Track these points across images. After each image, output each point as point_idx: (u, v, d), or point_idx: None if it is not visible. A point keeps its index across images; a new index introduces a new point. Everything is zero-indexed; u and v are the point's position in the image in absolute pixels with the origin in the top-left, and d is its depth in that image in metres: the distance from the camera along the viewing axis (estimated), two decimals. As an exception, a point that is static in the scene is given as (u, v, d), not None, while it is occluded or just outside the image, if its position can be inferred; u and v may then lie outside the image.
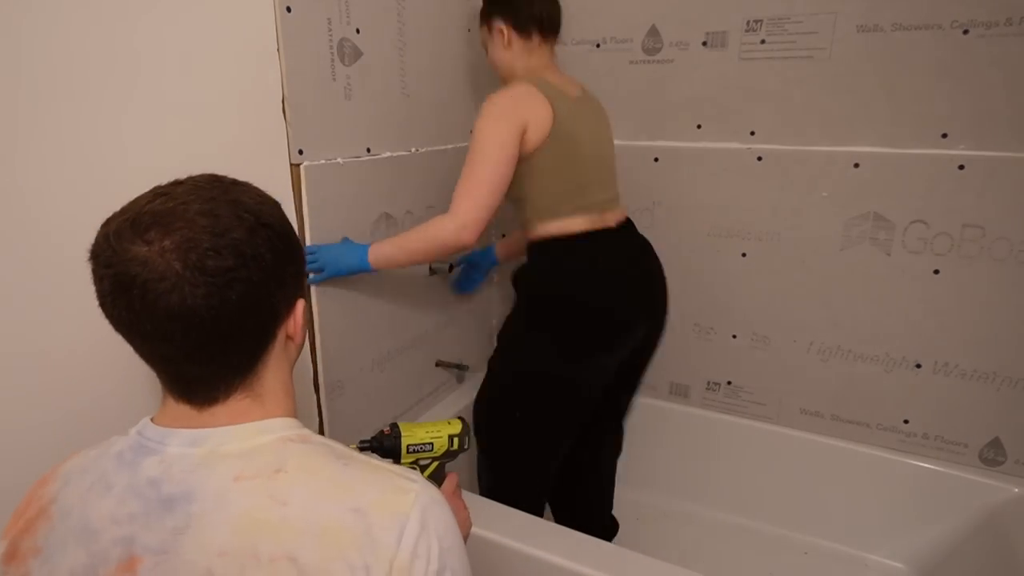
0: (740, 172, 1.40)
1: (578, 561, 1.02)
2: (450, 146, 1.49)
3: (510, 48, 1.22)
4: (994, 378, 1.28)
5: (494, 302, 1.81)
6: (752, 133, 1.39)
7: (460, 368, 1.61)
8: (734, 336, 1.52)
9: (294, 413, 0.62)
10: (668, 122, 1.46)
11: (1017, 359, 1.26)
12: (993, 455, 1.33)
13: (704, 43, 1.38)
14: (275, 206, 0.60)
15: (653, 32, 1.43)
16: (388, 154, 1.28)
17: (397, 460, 0.95)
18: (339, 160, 1.16)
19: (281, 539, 0.51)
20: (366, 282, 1.27)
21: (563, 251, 1.18)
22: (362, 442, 0.93)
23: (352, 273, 1.13)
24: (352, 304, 1.23)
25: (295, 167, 1.06)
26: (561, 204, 1.17)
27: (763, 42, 1.32)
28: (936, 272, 1.28)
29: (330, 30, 1.09)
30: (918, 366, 1.34)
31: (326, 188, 1.13)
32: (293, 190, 1.07)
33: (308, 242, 1.11)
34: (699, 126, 1.44)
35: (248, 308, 0.54)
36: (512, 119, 1.09)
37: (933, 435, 1.37)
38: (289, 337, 0.61)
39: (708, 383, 1.58)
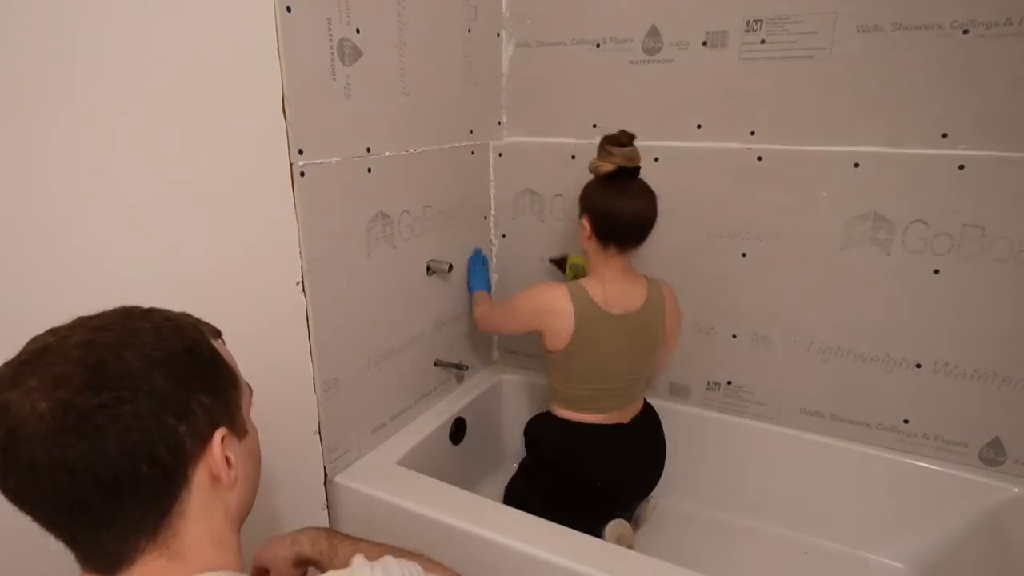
0: (740, 172, 1.40)
1: (578, 561, 1.02)
2: (449, 146, 1.49)
3: (588, 242, 1.30)
4: (994, 378, 1.28)
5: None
6: (752, 133, 1.39)
7: (459, 368, 1.61)
8: (734, 336, 1.52)
9: (231, 565, 0.52)
10: (668, 122, 1.46)
11: (1017, 359, 1.25)
12: (993, 455, 1.33)
13: (704, 43, 1.38)
14: (188, 332, 0.52)
15: (653, 32, 1.43)
16: (388, 154, 1.28)
17: (563, 269, 1.58)
18: (339, 160, 1.16)
19: None
20: (363, 280, 1.27)
21: (575, 435, 1.35)
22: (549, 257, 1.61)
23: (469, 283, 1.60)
24: (349, 302, 1.23)
25: (294, 167, 1.06)
26: (576, 401, 1.35)
27: (763, 42, 1.32)
28: (936, 272, 1.28)
29: (330, 30, 1.09)
30: (918, 366, 1.34)
31: (325, 188, 1.13)
32: (292, 189, 1.07)
33: (301, 242, 1.10)
34: (699, 126, 1.44)
35: (137, 452, 0.45)
36: (534, 318, 1.32)
37: (933, 435, 1.37)
38: (215, 479, 0.51)
39: (708, 383, 1.58)
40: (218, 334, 0.59)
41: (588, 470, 1.34)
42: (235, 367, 0.58)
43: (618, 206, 1.23)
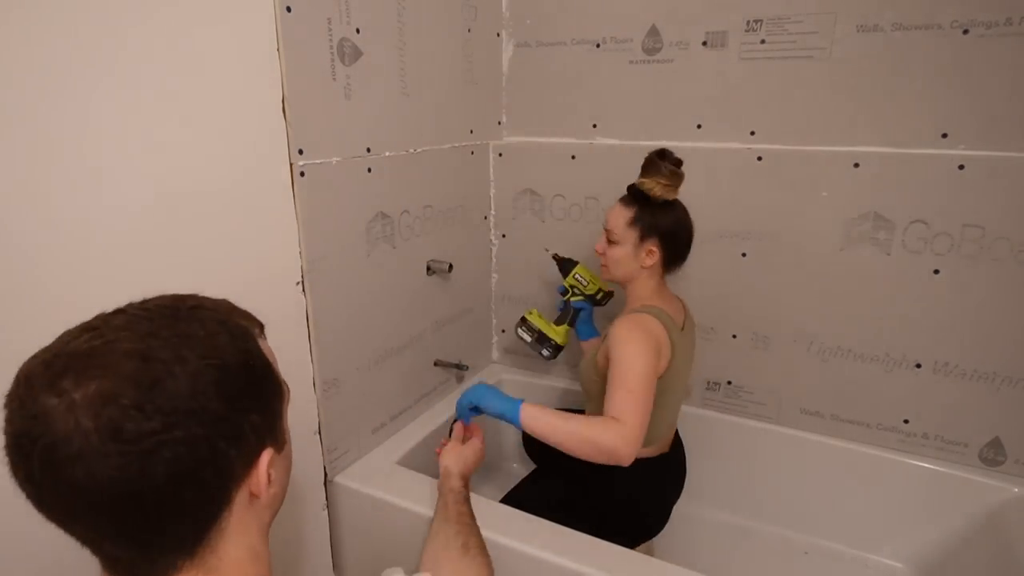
0: (740, 172, 1.40)
1: (578, 561, 1.02)
2: (449, 146, 1.49)
3: (650, 268, 1.21)
4: (994, 378, 1.28)
5: (493, 302, 1.81)
6: (752, 133, 1.39)
7: (459, 368, 1.61)
8: (734, 336, 1.52)
9: (264, 574, 0.52)
10: (668, 122, 1.46)
11: (1017, 359, 1.26)
12: (993, 455, 1.33)
13: (704, 43, 1.38)
14: (240, 338, 0.49)
15: (653, 32, 1.43)
16: (388, 154, 1.28)
17: (566, 275, 1.46)
18: (339, 160, 1.16)
19: None
20: (363, 280, 1.27)
21: (629, 472, 1.13)
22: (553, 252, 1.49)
23: (500, 416, 1.13)
24: (349, 302, 1.23)
25: (294, 167, 1.06)
26: (647, 436, 1.14)
27: (763, 42, 1.32)
28: (936, 272, 1.28)
29: (330, 30, 1.09)
30: (918, 366, 1.34)
31: (325, 188, 1.13)
32: (292, 189, 1.07)
33: (301, 242, 1.10)
34: (699, 126, 1.44)
35: (184, 478, 0.43)
36: (659, 351, 1.12)
37: (933, 435, 1.37)
38: (253, 496, 0.50)
39: (708, 383, 1.58)
40: (263, 328, 0.56)
41: (644, 508, 1.28)
42: (277, 367, 0.55)
43: (690, 227, 1.21)
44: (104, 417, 0.40)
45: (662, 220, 1.18)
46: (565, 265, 1.48)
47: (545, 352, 1.47)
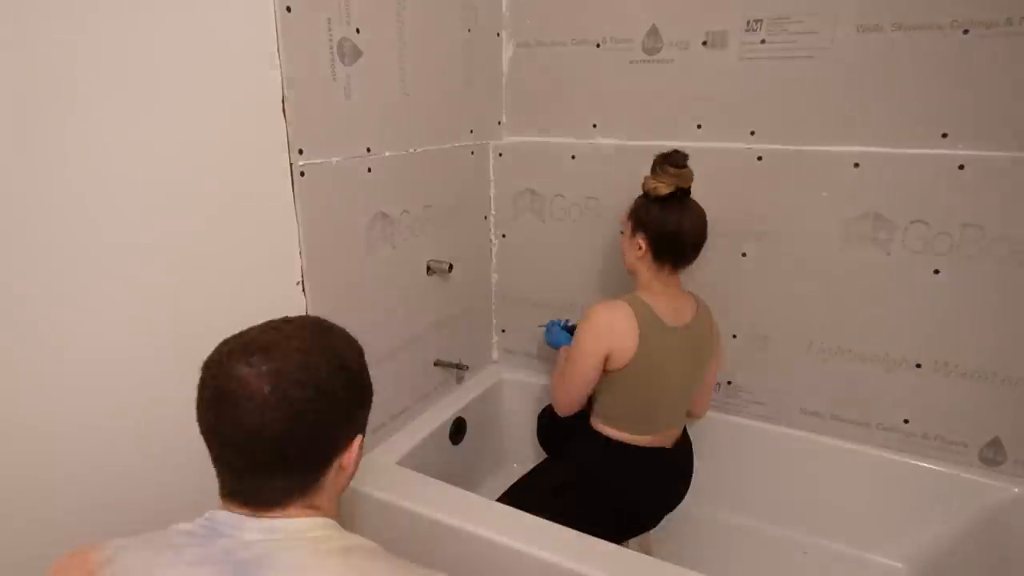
0: (740, 172, 1.40)
1: (578, 561, 1.02)
2: (449, 146, 1.49)
3: (641, 260, 1.27)
4: (994, 378, 1.28)
5: (493, 302, 1.81)
6: (752, 133, 1.39)
7: (459, 368, 1.61)
8: (734, 336, 1.52)
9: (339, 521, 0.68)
10: (668, 122, 1.46)
11: (1017, 359, 1.25)
12: (993, 455, 1.33)
13: (704, 43, 1.38)
14: (359, 354, 0.71)
15: (653, 32, 1.43)
16: (388, 154, 1.28)
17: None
18: (339, 160, 1.16)
19: None
20: (363, 280, 1.27)
21: (623, 457, 1.30)
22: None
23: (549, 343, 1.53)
24: (349, 302, 1.23)
25: (294, 167, 1.06)
26: (628, 421, 1.30)
27: (763, 42, 1.32)
28: (936, 272, 1.28)
29: (330, 30, 1.09)
30: (918, 366, 1.34)
31: (325, 188, 1.13)
32: (292, 189, 1.07)
33: (301, 242, 1.10)
34: (699, 126, 1.44)
35: (315, 436, 0.62)
36: (603, 341, 1.23)
37: (933, 435, 1.37)
38: (342, 467, 0.67)
39: (708, 383, 1.58)
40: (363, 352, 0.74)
41: (634, 495, 1.30)
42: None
43: (680, 227, 1.23)
44: (279, 385, 0.59)
45: (653, 215, 1.24)
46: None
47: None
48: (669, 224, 1.23)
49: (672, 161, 1.21)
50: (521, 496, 1.32)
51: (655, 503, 1.34)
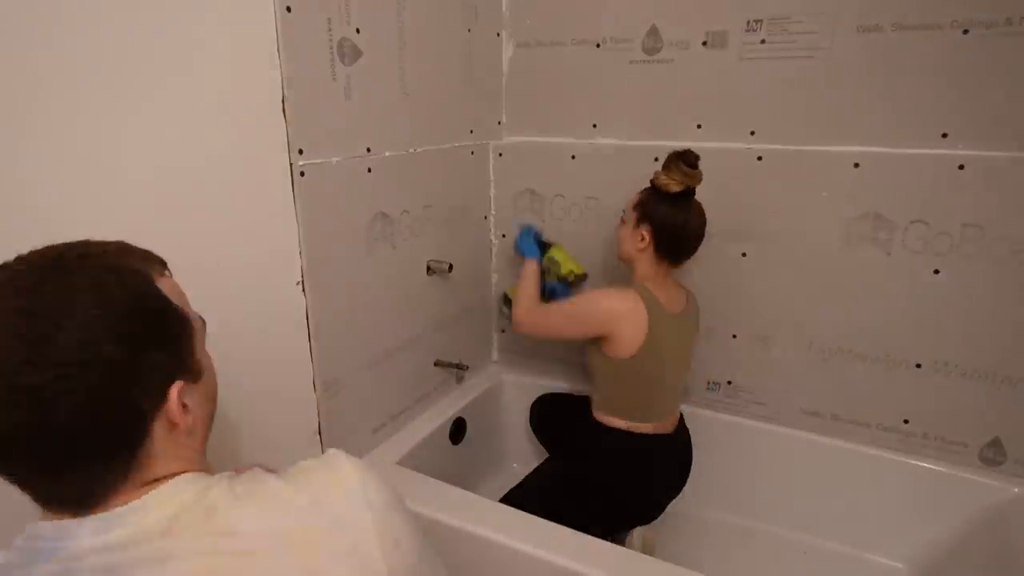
0: (740, 172, 1.40)
1: (578, 561, 1.02)
2: (449, 146, 1.49)
3: (642, 252, 1.30)
4: (994, 378, 1.28)
5: (493, 302, 1.81)
6: (752, 133, 1.39)
7: (459, 368, 1.61)
8: (734, 336, 1.52)
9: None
10: (668, 122, 1.46)
11: (1017, 359, 1.25)
12: (993, 455, 1.33)
13: (704, 43, 1.38)
14: (133, 280, 0.50)
15: (653, 32, 1.43)
16: (388, 154, 1.28)
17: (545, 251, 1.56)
18: (339, 160, 1.16)
19: (250, 568, 0.46)
20: (363, 280, 1.27)
21: (634, 447, 1.32)
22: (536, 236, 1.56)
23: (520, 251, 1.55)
24: (349, 302, 1.23)
25: (294, 167, 1.06)
26: (633, 411, 1.32)
27: (763, 42, 1.32)
28: (936, 272, 1.28)
29: (330, 30, 1.09)
30: (918, 366, 1.34)
31: (325, 188, 1.13)
32: (292, 189, 1.07)
33: (301, 242, 1.10)
34: (699, 126, 1.44)
35: (89, 420, 0.45)
36: (604, 324, 1.26)
37: (933, 435, 1.37)
38: (173, 424, 0.51)
39: (708, 383, 1.58)
40: (164, 266, 0.56)
41: (642, 483, 1.32)
42: (184, 304, 0.56)
43: (687, 226, 1.27)
44: (2, 373, 0.42)
45: (660, 210, 1.27)
46: (542, 247, 1.59)
47: None
48: (676, 221, 1.26)
49: (686, 160, 1.25)
50: (529, 493, 1.33)
51: (661, 489, 1.36)
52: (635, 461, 1.32)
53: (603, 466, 1.32)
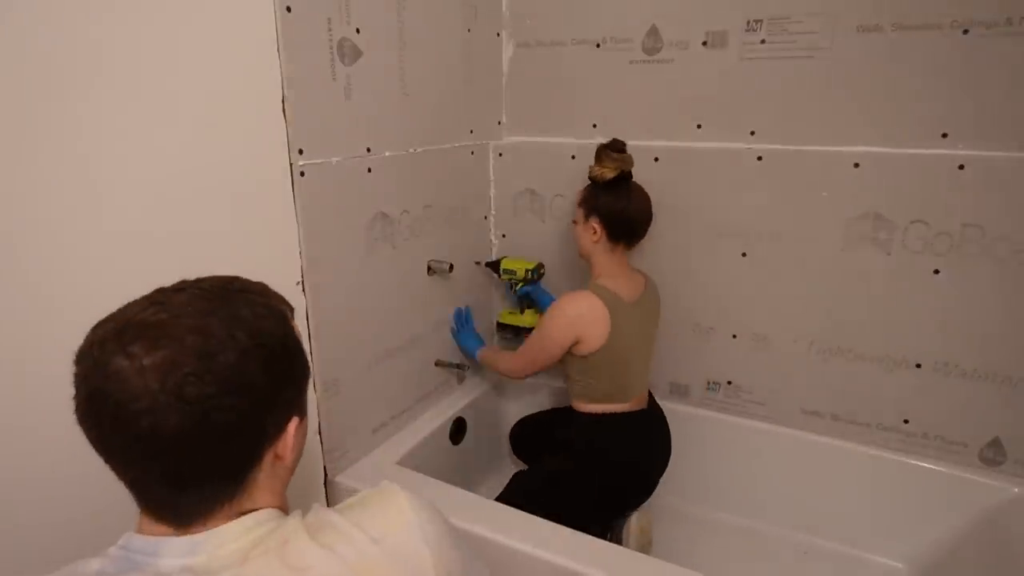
0: (740, 172, 1.40)
1: (578, 561, 1.02)
2: (449, 146, 1.49)
3: (597, 243, 1.35)
4: (994, 378, 1.28)
5: (493, 302, 1.81)
6: (752, 133, 1.39)
7: (459, 368, 1.61)
8: (734, 336, 1.52)
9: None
10: (668, 122, 1.46)
11: (1017, 359, 1.25)
12: (993, 455, 1.33)
13: (704, 43, 1.38)
14: (280, 320, 0.56)
15: (653, 32, 1.43)
16: (388, 154, 1.28)
17: (497, 273, 1.63)
18: (339, 160, 1.16)
19: None
20: (363, 280, 1.27)
21: (612, 426, 1.38)
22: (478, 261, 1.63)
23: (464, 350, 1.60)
24: (349, 302, 1.23)
25: (294, 167, 1.06)
26: (603, 396, 1.37)
27: (763, 42, 1.32)
28: (936, 272, 1.28)
29: (330, 30, 1.09)
30: (918, 366, 1.34)
31: (325, 188, 1.13)
32: (292, 189, 1.07)
33: (301, 242, 1.10)
34: (699, 126, 1.44)
35: (229, 437, 0.51)
36: (571, 331, 1.32)
37: (933, 435, 1.37)
38: (278, 458, 0.57)
39: (708, 383, 1.58)
40: (293, 312, 0.62)
41: (633, 457, 1.37)
42: (303, 349, 0.61)
43: (630, 208, 1.33)
44: (169, 381, 0.47)
45: (603, 199, 1.33)
46: (494, 266, 1.65)
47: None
48: (619, 205, 1.32)
49: (614, 147, 1.32)
50: (522, 489, 1.36)
51: (648, 462, 1.40)
52: (617, 436, 1.37)
53: (588, 447, 1.36)
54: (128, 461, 0.50)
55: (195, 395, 0.48)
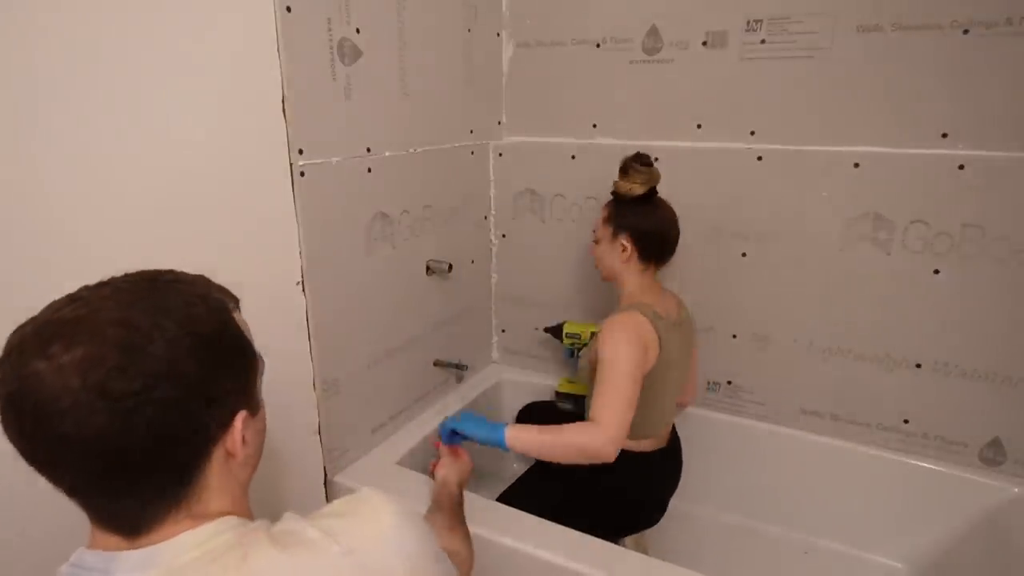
0: (740, 172, 1.40)
1: (578, 561, 1.02)
2: (449, 146, 1.49)
3: (627, 263, 1.26)
4: (994, 378, 1.28)
5: (493, 302, 1.81)
6: (752, 133, 1.39)
7: (458, 368, 1.61)
8: (734, 336, 1.52)
9: (244, 515, 0.57)
10: (668, 122, 1.46)
11: (1017, 359, 1.25)
12: (993, 455, 1.32)
13: (704, 43, 1.38)
14: (216, 310, 0.53)
15: (653, 32, 1.43)
16: (388, 154, 1.28)
17: (561, 338, 1.60)
18: (339, 160, 1.16)
19: None
20: (363, 280, 1.27)
21: (640, 469, 1.27)
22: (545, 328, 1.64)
23: (486, 443, 1.12)
24: (349, 302, 1.23)
25: (294, 167, 1.06)
26: (639, 429, 1.22)
27: (763, 42, 1.32)
28: (936, 272, 1.28)
29: (330, 30, 1.09)
30: (918, 366, 1.34)
31: (325, 188, 1.13)
32: (292, 189, 1.07)
33: (301, 242, 1.10)
34: (699, 126, 1.44)
35: (163, 434, 0.47)
36: (641, 347, 1.15)
37: (933, 435, 1.37)
38: (230, 455, 0.54)
39: (708, 383, 1.58)
40: (238, 303, 0.59)
41: (637, 502, 1.30)
42: (251, 340, 0.59)
43: (663, 225, 1.25)
44: (91, 378, 0.44)
45: (632, 216, 1.25)
46: (555, 331, 1.62)
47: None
48: (651, 221, 1.24)
49: (642, 161, 1.24)
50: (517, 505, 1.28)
51: (659, 501, 1.34)
52: (634, 482, 1.27)
53: (603, 488, 1.26)
54: (57, 467, 0.47)
55: (120, 391, 0.45)
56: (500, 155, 1.68)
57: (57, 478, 0.48)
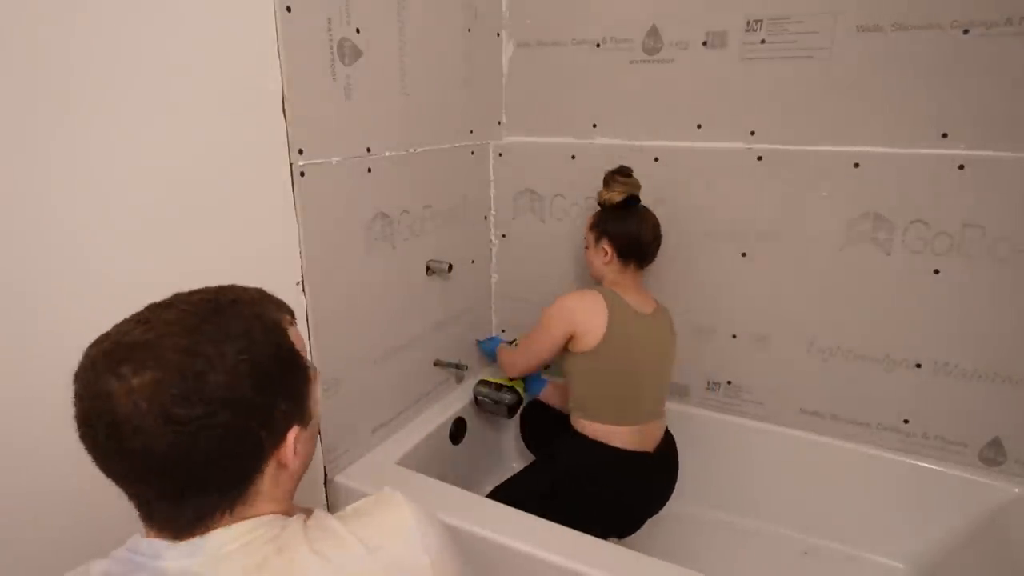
0: (740, 172, 1.40)
1: (578, 561, 1.02)
2: (449, 146, 1.49)
3: (608, 264, 1.37)
4: (994, 378, 1.28)
5: (493, 302, 1.81)
6: (752, 133, 1.39)
7: (458, 368, 1.61)
8: (734, 336, 1.52)
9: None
10: (668, 122, 1.46)
11: (1017, 359, 1.25)
12: (993, 455, 1.33)
13: (704, 43, 1.38)
14: (273, 331, 0.56)
15: (653, 32, 1.43)
16: (388, 154, 1.28)
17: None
18: (339, 160, 1.16)
19: None
20: (363, 280, 1.27)
21: (603, 461, 1.31)
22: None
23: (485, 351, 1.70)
24: (349, 302, 1.23)
25: (294, 167, 1.06)
26: (603, 410, 1.32)
27: (763, 42, 1.32)
28: (936, 272, 1.28)
29: (330, 30, 1.09)
30: (918, 366, 1.34)
31: (325, 188, 1.13)
32: (292, 189, 1.07)
33: (301, 242, 1.10)
34: (699, 126, 1.44)
35: (222, 454, 0.51)
36: (566, 320, 1.32)
37: (933, 435, 1.37)
38: (281, 465, 0.57)
39: (708, 383, 1.58)
40: (293, 316, 0.62)
41: (616, 503, 1.31)
42: (305, 353, 0.61)
43: (639, 229, 1.35)
44: (156, 402, 0.48)
45: (612, 222, 1.36)
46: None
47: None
48: (629, 227, 1.35)
49: (621, 172, 1.37)
50: (507, 501, 1.31)
51: (637, 510, 1.35)
52: (604, 475, 1.29)
53: (577, 481, 1.30)
54: (127, 479, 0.51)
55: (183, 416, 0.48)
56: (500, 155, 1.68)
57: (126, 487, 0.52)
